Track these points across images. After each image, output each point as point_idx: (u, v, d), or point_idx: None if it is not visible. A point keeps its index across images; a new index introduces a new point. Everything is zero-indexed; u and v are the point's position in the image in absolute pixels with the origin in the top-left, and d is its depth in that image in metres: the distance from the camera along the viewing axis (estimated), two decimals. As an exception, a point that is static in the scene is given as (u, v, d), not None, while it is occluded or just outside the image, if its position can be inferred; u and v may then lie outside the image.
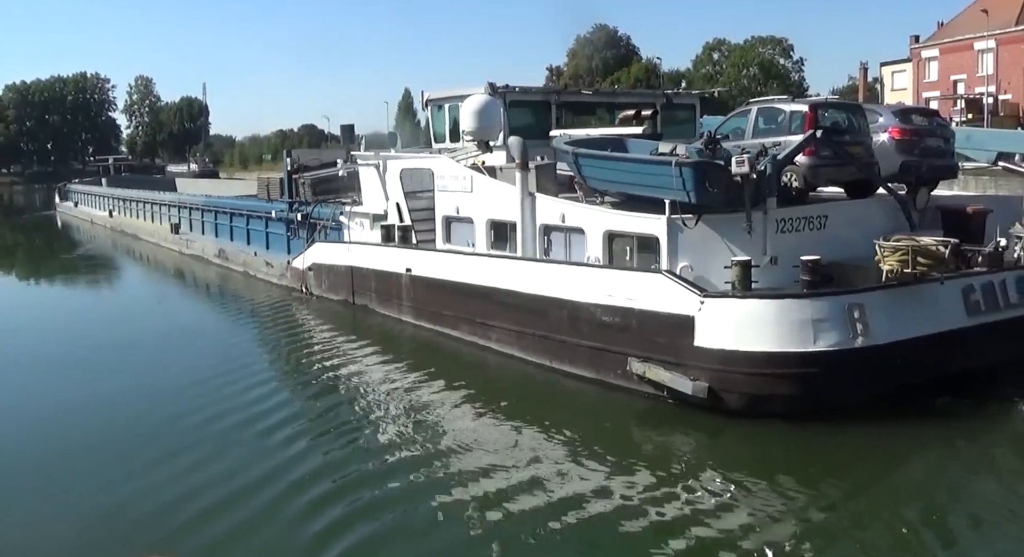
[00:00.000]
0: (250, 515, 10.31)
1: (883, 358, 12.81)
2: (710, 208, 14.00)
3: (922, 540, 9.63)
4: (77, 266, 38.71)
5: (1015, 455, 12.00)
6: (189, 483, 11.20)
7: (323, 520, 10.03)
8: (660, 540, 9.52)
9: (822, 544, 9.45)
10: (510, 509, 10.27)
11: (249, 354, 19.06)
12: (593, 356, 14.91)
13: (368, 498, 10.72)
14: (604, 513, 10.13)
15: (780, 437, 12.56)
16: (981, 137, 20.58)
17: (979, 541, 9.44)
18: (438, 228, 20.16)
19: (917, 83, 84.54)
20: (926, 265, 13.04)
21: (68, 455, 12.58)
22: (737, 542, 9.39)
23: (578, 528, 9.82)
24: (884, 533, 9.67)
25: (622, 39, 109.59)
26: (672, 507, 10.28)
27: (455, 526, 9.92)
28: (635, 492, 10.68)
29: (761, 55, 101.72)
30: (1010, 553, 9.25)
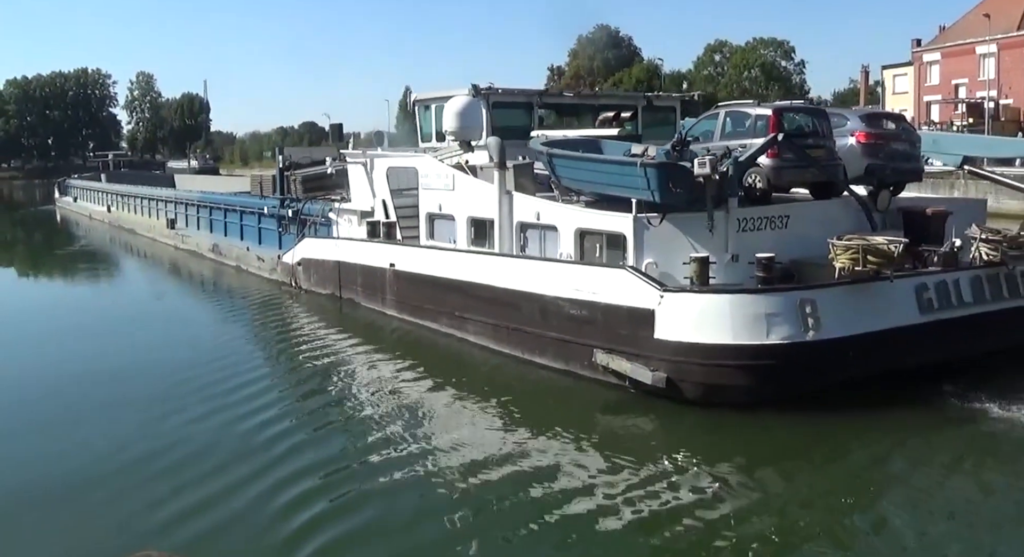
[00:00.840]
0: (231, 506, 10.60)
1: (834, 351, 13.53)
2: (674, 207, 14.75)
3: (859, 523, 10.21)
4: (74, 260, 39.57)
5: (958, 448, 12.55)
6: (174, 476, 11.50)
7: (303, 514, 10.29)
8: (622, 524, 10.04)
9: (771, 525, 10.03)
10: (485, 497, 10.76)
11: (237, 347, 19.64)
12: (561, 348, 15.66)
13: (348, 489, 11.11)
14: (570, 500, 10.64)
15: (734, 426, 13.27)
16: (948, 141, 21.23)
17: (912, 527, 9.92)
18: (422, 225, 20.94)
19: (918, 87, 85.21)
20: (876, 263, 13.76)
21: (57, 448, 12.90)
22: (689, 524, 10.01)
23: (546, 511, 10.34)
24: (826, 517, 10.37)
25: (624, 40, 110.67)
26: (632, 492, 10.77)
27: (433, 517, 10.32)
28: (598, 478, 11.23)
29: (763, 57, 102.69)
30: (940, 537, 9.82)
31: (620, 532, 9.88)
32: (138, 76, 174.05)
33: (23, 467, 12.19)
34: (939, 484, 11.24)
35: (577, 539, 9.83)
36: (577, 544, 9.75)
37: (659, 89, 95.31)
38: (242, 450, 12.46)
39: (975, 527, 9.90)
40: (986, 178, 20.80)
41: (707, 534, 9.79)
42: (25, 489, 11.36)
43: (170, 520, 10.17)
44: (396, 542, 9.72)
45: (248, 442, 12.80)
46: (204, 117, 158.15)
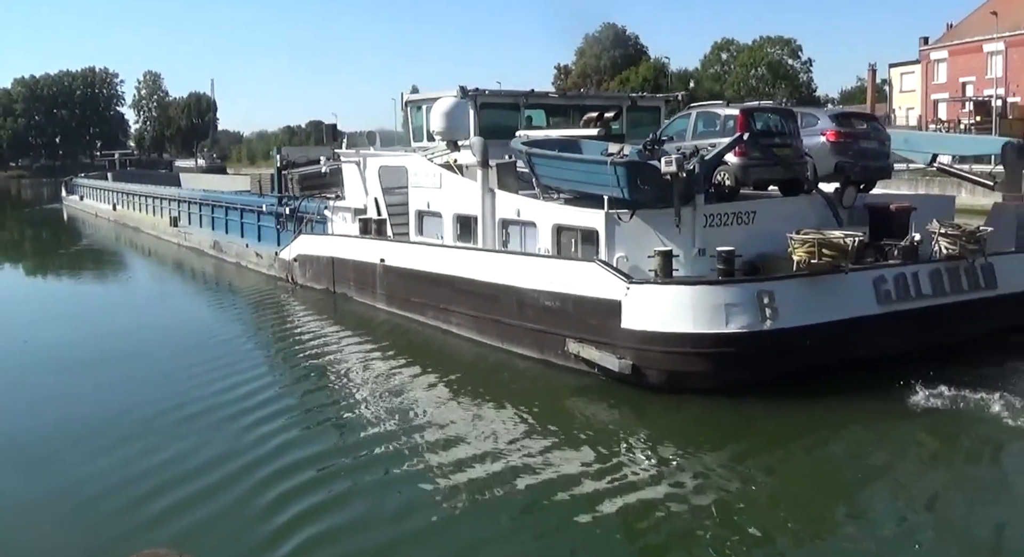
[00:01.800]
0: (222, 498, 10.93)
1: (791, 340, 14.41)
2: (643, 204, 15.66)
3: (804, 501, 10.98)
4: (80, 258, 40.75)
5: (921, 437, 13.23)
6: (167, 468, 11.91)
7: (294, 505, 10.61)
8: (591, 503, 10.69)
9: (728, 504, 10.67)
10: (466, 484, 11.32)
11: (232, 341, 20.48)
12: (537, 338, 16.60)
13: (336, 477, 11.58)
14: (543, 484, 11.30)
15: (695, 411, 14.18)
16: (918, 140, 22.05)
17: (873, 509, 10.65)
18: (411, 221, 21.93)
19: (926, 85, 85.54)
20: (831, 256, 14.64)
21: (47, 439, 13.43)
22: (650, 501, 10.70)
23: (522, 492, 11.02)
24: (776, 495, 11.14)
25: (630, 38, 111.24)
26: (599, 475, 11.47)
27: (417, 502, 10.84)
28: (568, 462, 11.99)
29: (769, 55, 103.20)
30: (888, 517, 10.48)
31: (590, 514, 10.46)
32: (145, 75, 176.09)
33: (18, 464, 12.51)
34: (890, 470, 11.90)
35: (552, 521, 10.39)
36: (551, 526, 10.27)
37: (666, 88, 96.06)
38: (235, 442, 12.95)
39: (943, 512, 10.57)
40: (953, 175, 21.63)
41: (665, 514, 10.49)
42: (22, 488, 11.60)
43: (162, 513, 10.45)
44: (383, 530, 10.12)
45: (242, 433, 13.33)
46: (211, 116, 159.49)
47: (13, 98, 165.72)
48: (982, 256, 16.69)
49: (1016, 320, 17.06)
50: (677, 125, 18.37)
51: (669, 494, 10.97)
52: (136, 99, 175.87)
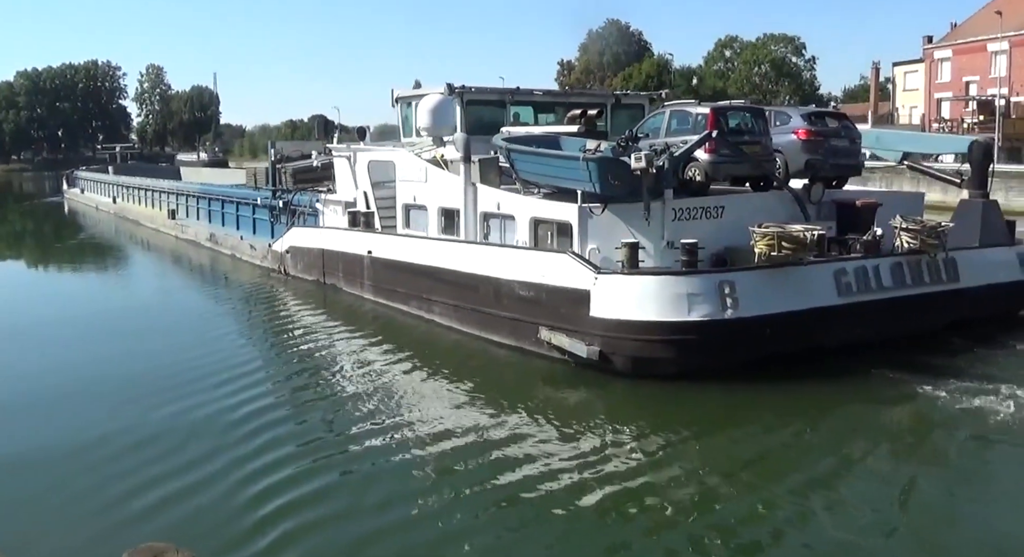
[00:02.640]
0: (207, 486, 11.22)
1: (751, 329, 15.24)
2: (614, 198, 16.51)
3: (767, 487, 11.37)
4: (80, 250, 41.76)
5: (880, 423, 13.80)
6: (152, 456, 12.22)
7: (275, 492, 10.90)
8: (559, 485, 11.28)
9: (692, 487, 11.40)
10: (446, 469, 11.83)
11: (224, 330, 21.37)
12: (513, 326, 17.46)
13: (322, 465, 11.99)
14: (515, 467, 11.81)
15: (661, 396, 14.98)
16: (889, 138, 22.85)
17: (814, 491, 11.23)
18: (399, 215, 22.80)
19: (929, 84, 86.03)
20: (790, 249, 15.47)
21: (41, 428, 13.82)
22: (618, 486, 11.24)
23: (494, 476, 11.48)
24: (730, 474, 11.72)
25: (634, 35, 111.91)
26: (568, 457, 12.10)
27: (398, 488, 11.25)
28: (539, 444, 12.61)
29: (773, 53, 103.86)
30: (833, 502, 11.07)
31: (558, 497, 10.97)
32: (148, 68, 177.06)
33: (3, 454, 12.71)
34: (853, 457, 12.38)
35: (525, 506, 10.78)
36: (525, 511, 10.69)
37: (669, 84, 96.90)
38: (224, 429, 13.39)
39: (916, 499, 11.10)
40: (922, 172, 22.43)
41: (633, 498, 11.03)
42: (10, 484, 11.74)
43: (149, 504, 10.67)
44: (366, 519, 10.45)
45: (230, 420, 13.79)
46: (214, 110, 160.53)
47: (16, 91, 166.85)
48: (942, 250, 17.48)
49: (978, 313, 17.90)
50: (652, 123, 19.22)
51: (636, 478, 11.55)
52: (139, 92, 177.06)
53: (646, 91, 38.85)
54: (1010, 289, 18.87)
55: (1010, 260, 19.16)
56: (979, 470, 11.92)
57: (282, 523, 10.11)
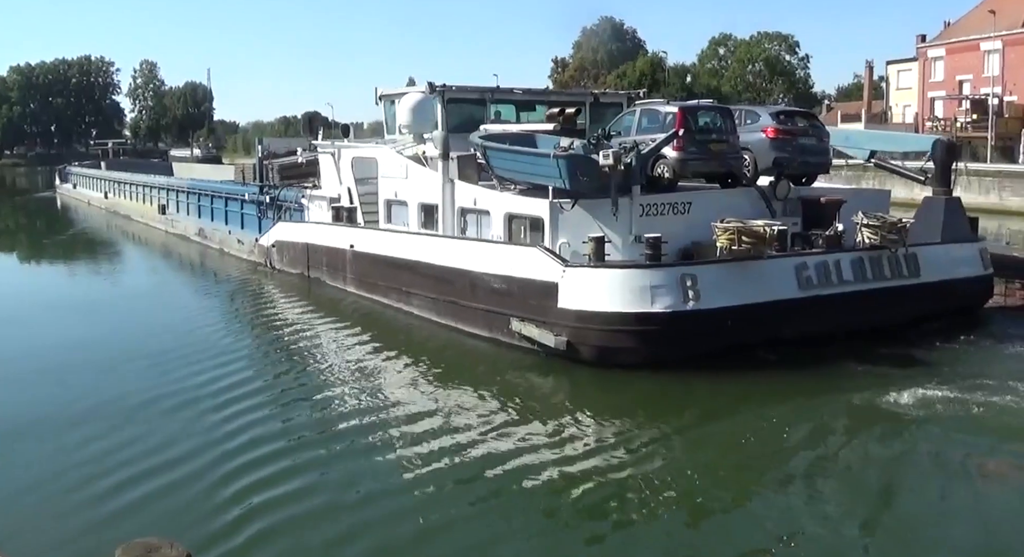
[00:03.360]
0: (187, 481, 11.45)
1: (712, 320, 15.97)
2: (583, 194, 17.22)
3: (720, 469, 12.18)
4: (70, 245, 42.51)
5: (832, 410, 14.53)
6: (134, 451, 12.45)
7: (257, 488, 11.10)
8: (528, 467, 11.90)
9: (654, 472, 11.93)
10: (422, 458, 12.22)
11: (210, 322, 21.82)
12: (486, 318, 18.19)
13: (303, 455, 12.34)
14: (487, 452, 12.42)
15: (623, 384, 15.70)
16: (858, 137, 23.65)
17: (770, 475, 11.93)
18: (381, 210, 23.53)
19: (923, 82, 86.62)
20: (750, 243, 16.22)
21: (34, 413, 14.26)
22: (583, 470, 11.77)
23: (468, 464, 12.05)
24: (694, 465, 12.32)
25: (628, 32, 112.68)
26: (537, 444, 12.66)
27: (378, 477, 11.67)
28: (512, 432, 13.22)
29: (767, 51, 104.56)
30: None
31: (529, 484, 11.45)
32: (142, 64, 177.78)
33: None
34: (809, 442, 13.22)
35: (497, 493, 11.28)
36: (498, 500, 11.13)
37: (663, 82, 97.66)
38: (207, 423, 13.71)
39: (855, 480, 11.66)
40: (889, 170, 23.17)
41: (598, 482, 11.48)
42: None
43: (132, 498, 10.85)
44: (346, 514, 10.63)
45: (213, 413, 14.12)
46: (207, 106, 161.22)
47: (8, 86, 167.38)
48: (902, 246, 18.21)
49: (939, 307, 18.64)
50: (624, 121, 19.96)
51: (600, 463, 12.07)
52: (132, 88, 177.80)
53: (640, 89, 39.58)
54: (971, 284, 19.63)
55: (971, 256, 19.90)
56: (947, 460, 12.34)
57: (261, 518, 10.31)
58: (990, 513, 10.50)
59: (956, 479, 11.63)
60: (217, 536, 9.86)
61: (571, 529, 10.43)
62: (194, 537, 9.44)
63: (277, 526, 10.15)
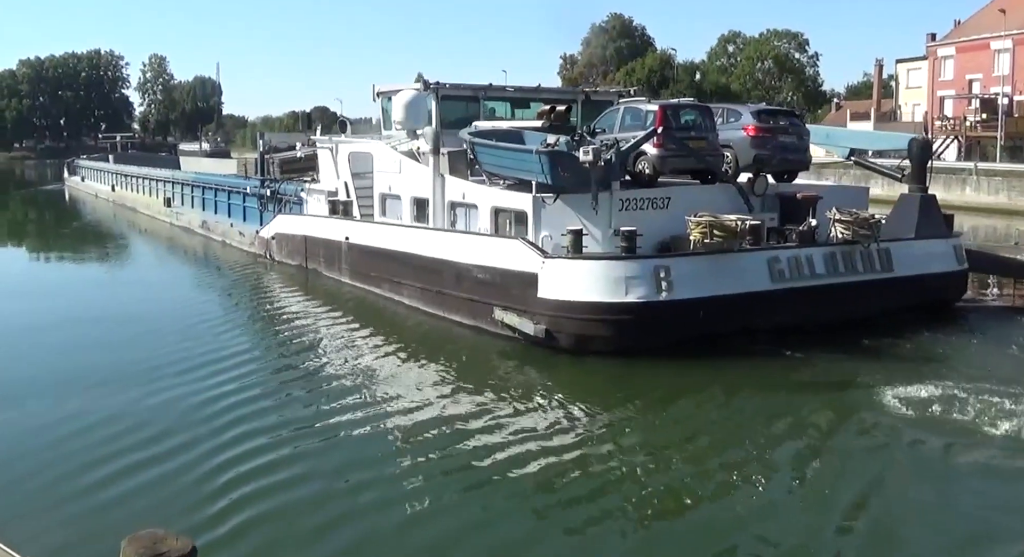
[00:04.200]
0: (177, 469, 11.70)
1: (685, 310, 16.82)
2: (565, 189, 18.09)
3: (694, 453, 12.79)
4: (79, 236, 43.66)
5: (798, 396, 15.21)
6: (135, 444, 12.64)
7: (247, 476, 11.38)
8: (507, 442, 12.68)
9: (631, 454, 12.53)
10: (410, 441, 12.84)
11: (209, 311, 22.67)
12: (471, 307, 19.10)
13: (293, 443, 12.71)
14: (471, 435, 12.99)
15: (599, 371, 16.61)
16: (838, 135, 24.48)
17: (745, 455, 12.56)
18: (375, 203, 24.48)
19: (932, 81, 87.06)
20: (722, 237, 17.07)
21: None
22: (561, 453, 12.38)
23: (454, 448, 12.53)
24: (668, 444, 13.03)
25: (637, 29, 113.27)
26: (517, 421, 13.55)
27: (368, 461, 12.09)
28: (493, 416, 13.84)
29: (776, 49, 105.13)
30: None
31: (510, 467, 11.96)
32: (151, 58, 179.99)
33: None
34: (777, 431, 13.66)
35: (477, 468, 11.88)
36: (477, 473, 11.75)
37: (672, 79, 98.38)
38: (200, 409, 14.17)
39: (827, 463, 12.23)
40: (867, 168, 24.00)
41: (576, 464, 12.08)
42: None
43: (122, 487, 11.08)
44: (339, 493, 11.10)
45: (208, 401, 14.60)
46: (216, 100, 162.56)
47: (18, 79, 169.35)
48: (874, 241, 19.02)
49: (912, 300, 19.44)
50: (608, 119, 20.84)
51: (578, 446, 12.71)
52: (141, 82, 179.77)
53: (637, 86, 40.38)
54: (944, 279, 20.38)
55: (945, 251, 20.67)
56: (901, 445, 12.87)
57: (248, 506, 10.54)
58: (961, 506, 10.82)
59: (926, 468, 12.10)
60: (206, 520, 10.14)
61: (546, 509, 10.90)
62: (184, 522, 9.71)
63: (263, 515, 10.39)
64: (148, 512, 10.06)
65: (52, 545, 9.55)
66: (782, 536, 10.02)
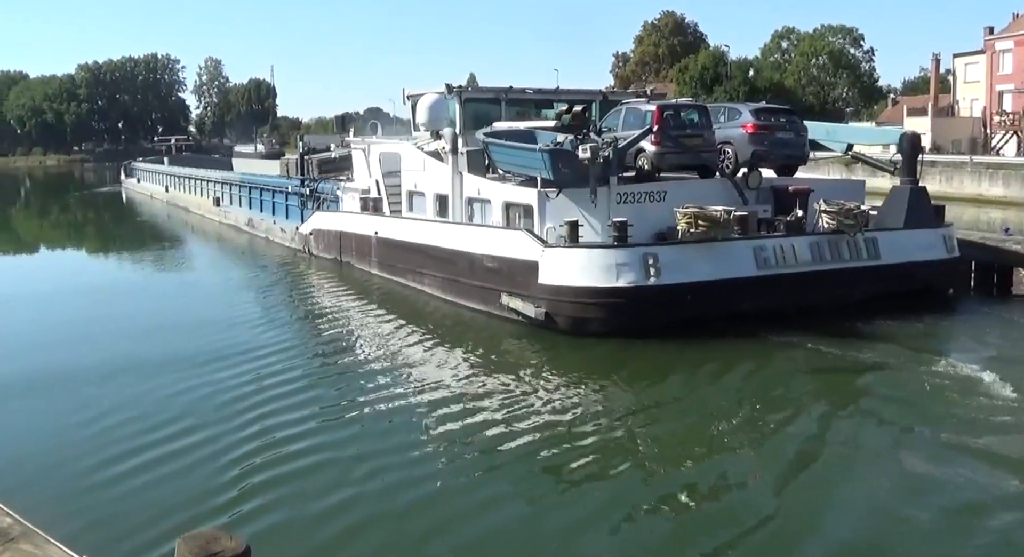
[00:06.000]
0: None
1: (672, 294, 18.74)
2: (566, 184, 20.14)
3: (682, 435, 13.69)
4: (137, 234, 46.96)
5: (786, 372, 16.82)
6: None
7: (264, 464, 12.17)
8: (512, 416, 14.08)
9: (628, 427, 13.75)
10: (426, 412, 14.41)
11: (249, 303, 25.11)
12: (482, 293, 21.26)
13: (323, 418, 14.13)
14: (480, 409, 14.55)
15: (594, 350, 18.55)
16: (838, 131, 26.14)
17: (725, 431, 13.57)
18: (403, 200, 26.79)
19: (990, 75, 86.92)
20: (706, 227, 18.99)
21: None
22: (561, 426, 13.68)
23: (465, 423, 13.89)
24: (647, 421, 14.16)
25: (690, 26, 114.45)
26: (522, 396, 15.18)
27: (393, 432, 13.53)
28: (501, 386, 15.80)
29: (831, 44, 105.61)
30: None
31: (516, 437, 13.25)
32: (206, 61, 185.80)
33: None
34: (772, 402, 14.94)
35: (486, 444, 12.96)
36: (486, 449, 12.80)
37: (725, 76, 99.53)
38: (244, 385, 15.84)
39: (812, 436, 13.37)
40: (862, 161, 25.70)
41: (573, 434, 13.37)
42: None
43: (126, 479, 11.65)
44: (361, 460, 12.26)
45: (249, 375, 16.46)
46: (271, 102, 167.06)
47: (77, 84, 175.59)
48: (859, 230, 20.75)
49: (899, 287, 21.05)
50: (612, 118, 22.90)
51: (567, 417, 14.14)
52: (197, 85, 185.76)
53: (702, 83, 41.98)
54: (932, 266, 21.88)
55: (934, 240, 22.22)
56: (886, 422, 13.96)
57: (267, 490, 11.31)
58: (945, 481, 11.47)
59: (910, 442, 13.11)
60: (214, 500, 10.99)
61: (542, 475, 12.07)
62: (199, 509, 10.60)
63: (280, 498, 11.11)
64: (173, 493, 11.10)
65: (82, 525, 10.02)
66: (771, 505, 10.84)
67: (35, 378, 16.81)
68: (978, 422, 13.48)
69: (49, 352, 19.15)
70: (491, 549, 10.04)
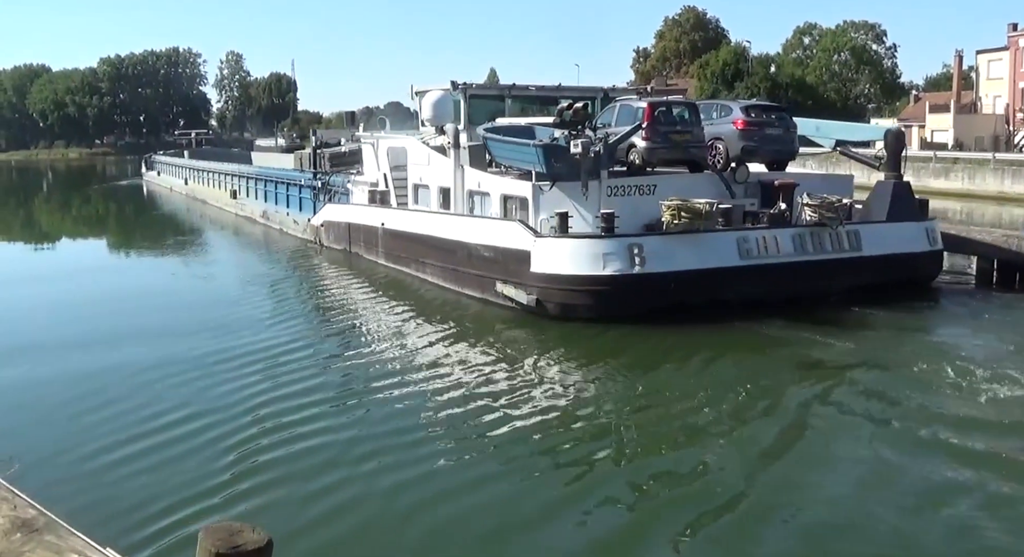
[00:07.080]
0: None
1: (656, 282, 19.98)
2: (559, 177, 21.47)
3: (666, 408, 14.64)
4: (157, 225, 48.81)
5: (768, 359, 17.81)
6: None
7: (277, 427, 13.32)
8: (505, 401, 14.78)
9: (615, 406, 14.70)
10: (428, 396, 15.16)
11: (260, 292, 26.51)
12: (479, 281, 22.61)
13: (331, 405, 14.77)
14: (478, 388, 15.50)
15: (584, 335, 19.78)
16: (827, 128, 27.25)
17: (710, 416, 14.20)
18: (409, 193, 28.20)
19: (1014, 72, 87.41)
20: (688, 218, 20.25)
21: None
22: (553, 407, 14.57)
23: (462, 406, 14.58)
24: (643, 400, 15.11)
25: (711, 22, 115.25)
26: (514, 379, 16.07)
27: (396, 417, 14.15)
28: (495, 367, 16.84)
29: (853, 40, 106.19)
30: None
31: (510, 416, 14.07)
32: (227, 55, 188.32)
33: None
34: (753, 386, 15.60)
35: (479, 427, 13.66)
36: (479, 432, 13.51)
37: (746, 72, 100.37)
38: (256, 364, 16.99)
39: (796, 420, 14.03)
40: (849, 156, 26.89)
41: (566, 415, 14.26)
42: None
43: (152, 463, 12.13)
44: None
45: (261, 357, 17.53)
46: (292, 96, 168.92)
47: (99, 77, 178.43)
48: (840, 223, 21.93)
49: (881, 278, 22.17)
50: (605, 115, 24.19)
51: (555, 399, 15.07)
52: (218, 79, 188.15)
53: (723, 79, 43.06)
54: (914, 258, 23.01)
55: (916, 233, 23.32)
56: (867, 409, 14.43)
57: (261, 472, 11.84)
58: (918, 467, 11.98)
59: (851, 420, 13.92)
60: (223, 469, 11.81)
61: (532, 457, 12.66)
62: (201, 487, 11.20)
63: (271, 480, 11.59)
64: (177, 475, 11.62)
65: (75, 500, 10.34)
66: (744, 489, 11.33)
67: (53, 362, 17.69)
68: (959, 415, 13.91)
69: (70, 333, 20.68)
70: (475, 525, 10.51)
